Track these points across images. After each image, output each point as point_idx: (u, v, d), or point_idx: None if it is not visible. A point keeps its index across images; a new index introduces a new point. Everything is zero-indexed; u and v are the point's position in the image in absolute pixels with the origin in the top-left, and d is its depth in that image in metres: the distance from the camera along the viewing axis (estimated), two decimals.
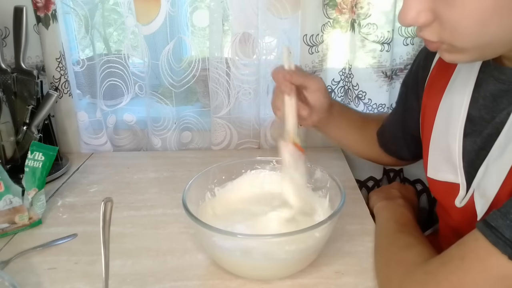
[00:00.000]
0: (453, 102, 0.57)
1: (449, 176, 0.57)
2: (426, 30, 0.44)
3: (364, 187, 1.06)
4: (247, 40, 0.94)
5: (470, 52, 0.44)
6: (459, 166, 0.56)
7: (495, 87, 0.51)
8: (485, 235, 0.42)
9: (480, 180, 0.52)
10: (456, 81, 0.58)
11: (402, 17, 0.44)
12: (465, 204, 0.55)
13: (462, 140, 0.55)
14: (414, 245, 0.56)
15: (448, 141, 0.57)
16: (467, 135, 0.55)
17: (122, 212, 0.77)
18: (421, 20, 0.43)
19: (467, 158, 0.55)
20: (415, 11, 0.43)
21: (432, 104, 0.62)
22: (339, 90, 1.00)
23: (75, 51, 1.00)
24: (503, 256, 0.40)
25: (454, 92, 0.58)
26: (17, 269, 0.62)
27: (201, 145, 1.08)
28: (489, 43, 0.42)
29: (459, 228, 0.46)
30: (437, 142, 0.61)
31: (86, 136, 1.04)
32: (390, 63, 0.93)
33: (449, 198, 0.58)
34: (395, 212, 0.69)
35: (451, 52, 0.46)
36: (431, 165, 0.62)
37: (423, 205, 1.06)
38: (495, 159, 0.49)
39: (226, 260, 0.58)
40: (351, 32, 0.92)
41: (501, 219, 0.41)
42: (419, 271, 0.49)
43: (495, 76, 0.51)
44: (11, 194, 0.69)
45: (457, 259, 0.45)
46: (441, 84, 0.60)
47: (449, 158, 0.57)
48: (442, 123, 0.60)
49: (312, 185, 0.70)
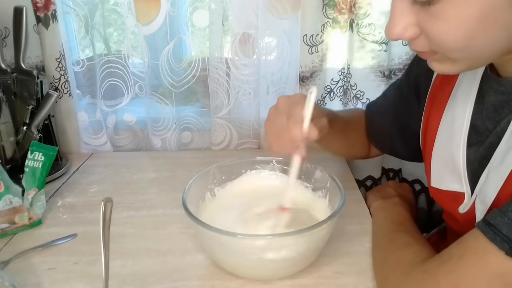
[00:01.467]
0: (456, 112, 0.57)
1: (454, 185, 0.58)
2: (416, 43, 0.45)
3: (362, 186, 1.06)
4: (247, 40, 0.94)
5: (461, 62, 0.44)
6: (464, 175, 0.56)
7: (496, 98, 0.51)
8: (483, 232, 0.42)
9: (481, 186, 0.52)
10: (458, 92, 0.58)
11: (389, 32, 0.44)
12: (467, 210, 0.56)
13: (466, 150, 0.55)
14: (411, 244, 0.56)
15: (452, 151, 0.57)
16: (472, 145, 0.55)
17: (122, 212, 0.77)
18: (407, 35, 0.43)
19: (471, 167, 0.55)
20: (401, 26, 0.43)
21: (435, 115, 0.62)
22: (338, 90, 1.00)
23: (75, 51, 1.00)
24: (500, 252, 0.40)
25: (457, 102, 0.58)
26: (17, 269, 0.62)
27: (201, 145, 1.08)
28: (478, 54, 0.43)
29: (462, 233, 0.47)
30: (440, 152, 0.61)
31: (86, 136, 1.04)
32: (388, 63, 0.93)
33: (453, 206, 0.58)
34: (391, 211, 0.69)
35: (443, 62, 0.46)
36: (435, 175, 0.62)
37: (422, 205, 1.07)
38: (495, 166, 0.50)
39: (226, 260, 0.58)
40: (350, 32, 0.92)
41: (500, 217, 0.42)
42: (417, 270, 0.49)
43: (494, 87, 0.51)
44: (11, 194, 0.69)
45: (456, 257, 0.45)
46: (444, 95, 0.61)
47: (453, 168, 0.57)
48: (445, 133, 0.60)
49: (312, 185, 0.70)
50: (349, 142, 0.81)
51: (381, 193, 0.77)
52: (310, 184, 0.71)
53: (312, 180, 0.70)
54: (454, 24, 0.39)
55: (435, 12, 0.40)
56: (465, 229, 0.47)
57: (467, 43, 0.40)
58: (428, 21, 0.41)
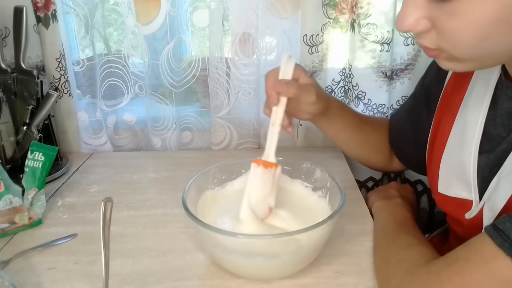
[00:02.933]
0: (469, 119, 0.56)
1: (462, 193, 0.57)
2: (424, 37, 0.44)
3: (363, 188, 1.06)
4: (247, 40, 0.94)
5: (469, 62, 0.44)
6: (473, 183, 0.55)
7: (510, 105, 0.51)
8: (491, 237, 0.42)
9: (491, 193, 0.51)
10: (471, 98, 0.57)
11: (399, 23, 0.43)
12: (474, 216, 0.55)
13: (478, 157, 0.55)
14: (414, 245, 0.56)
15: (462, 158, 0.56)
16: (484, 152, 0.54)
17: (122, 212, 0.77)
18: (418, 28, 0.42)
19: (482, 175, 0.54)
20: (413, 18, 0.42)
21: (446, 121, 0.61)
22: (339, 90, 1.00)
23: (75, 51, 1.00)
24: (507, 258, 0.40)
25: (469, 109, 0.57)
26: (17, 269, 0.62)
27: (201, 145, 1.08)
28: (488, 55, 0.42)
29: (466, 238, 0.46)
30: (450, 158, 0.60)
31: (86, 136, 1.04)
32: (390, 63, 0.93)
33: (459, 212, 0.58)
34: (393, 212, 0.69)
35: (450, 61, 0.45)
36: (443, 181, 0.61)
37: (424, 206, 1.06)
38: (507, 173, 0.49)
39: (226, 260, 0.58)
40: (351, 32, 0.92)
41: (509, 222, 0.41)
42: (421, 271, 0.49)
43: (509, 94, 0.51)
44: (11, 194, 0.69)
45: (462, 260, 0.44)
46: (456, 101, 0.60)
47: (462, 175, 0.57)
48: (456, 139, 0.59)
49: (312, 185, 0.70)
50: (364, 141, 0.81)
51: (383, 194, 0.77)
52: (310, 184, 0.71)
53: (312, 180, 0.70)
54: (469, 23, 0.39)
55: (450, 9, 0.39)
56: (470, 234, 0.46)
57: (479, 43, 0.40)
58: (442, 17, 0.40)
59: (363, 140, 0.81)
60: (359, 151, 0.83)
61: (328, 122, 0.76)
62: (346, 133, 0.79)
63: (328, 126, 0.78)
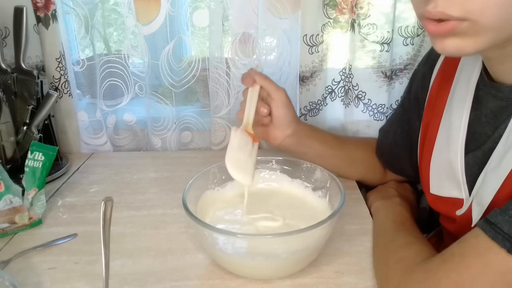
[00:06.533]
0: (453, 119, 0.58)
1: (453, 192, 0.58)
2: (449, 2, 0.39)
3: (363, 187, 1.06)
4: (247, 40, 0.94)
5: (486, 34, 0.40)
6: (463, 181, 0.56)
7: (495, 104, 0.51)
8: (484, 231, 0.42)
9: (478, 188, 0.52)
10: (454, 99, 0.58)
11: None
12: (463, 213, 0.56)
13: (465, 156, 0.56)
14: (412, 244, 0.56)
15: (450, 158, 0.58)
16: (471, 151, 0.55)
17: (122, 212, 0.77)
18: None
19: (471, 173, 0.55)
20: None
21: (433, 122, 0.62)
22: (339, 90, 1.00)
23: (75, 51, 1.00)
24: (502, 250, 0.40)
25: (453, 110, 0.58)
26: (17, 269, 0.62)
27: (201, 145, 1.08)
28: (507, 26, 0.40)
29: (458, 235, 0.47)
30: (439, 159, 0.61)
31: (86, 136, 1.04)
32: (390, 63, 0.93)
33: (451, 211, 0.59)
34: (392, 211, 0.69)
35: (462, 36, 0.41)
36: (434, 182, 0.63)
37: (424, 205, 1.06)
38: (492, 168, 0.50)
39: (226, 260, 0.58)
40: (351, 32, 0.92)
41: (501, 216, 0.42)
42: (419, 269, 0.49)
43: (492, 93, 0.52)
44: (11, 194, 0.69)
45: (457, 256, 0.45)
46: (441, 102, 0.61)
47: (451, 175, 0.57)
48: (443, 140, 0.60)
49: (312, 185, 0.70)
50: (350, 161, 0.82)
51: (382, 193, 0.77)
52: (310, 184, 0.71)
53: (312, 180, 0.71)
54: None
55: None
56: (461, 231, 0.47)
57: (508, 8, 0.38)
58: None
59: (347, 160, 0.81)
60: (347, 170, 0.83)
61: (304, 144, 0.76)
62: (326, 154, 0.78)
63: (305, 148, 0.76)
